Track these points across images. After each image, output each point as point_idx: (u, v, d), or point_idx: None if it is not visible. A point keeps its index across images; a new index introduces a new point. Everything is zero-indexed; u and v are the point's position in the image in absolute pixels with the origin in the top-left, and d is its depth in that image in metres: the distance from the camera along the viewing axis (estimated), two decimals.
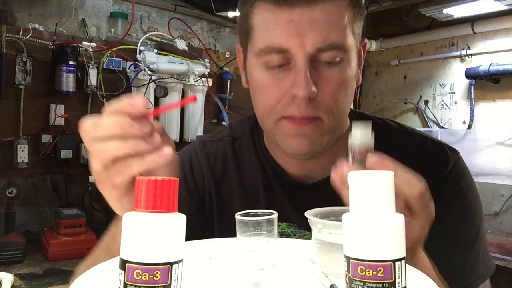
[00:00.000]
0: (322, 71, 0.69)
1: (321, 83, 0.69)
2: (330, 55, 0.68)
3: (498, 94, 2.63)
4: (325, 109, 0.71)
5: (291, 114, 0.71)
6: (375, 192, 0.43)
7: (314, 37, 0.66)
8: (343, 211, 0.45)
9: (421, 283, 0.53)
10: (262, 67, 0.72)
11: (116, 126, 0.51)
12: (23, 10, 2.22)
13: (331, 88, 0.70)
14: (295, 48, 0.67)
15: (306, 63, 0.68)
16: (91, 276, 0.55)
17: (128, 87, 2.41)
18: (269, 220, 0.61)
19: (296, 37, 0.67)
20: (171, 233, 0.42)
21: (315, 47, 0.67)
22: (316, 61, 0.69)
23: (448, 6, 2.48)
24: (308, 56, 0.67)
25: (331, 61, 0.69)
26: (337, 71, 0.70)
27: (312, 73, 0.68)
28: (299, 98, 0.69)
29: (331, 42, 0.67)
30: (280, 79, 0.70)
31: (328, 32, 0.67)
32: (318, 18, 0.66)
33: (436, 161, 0.81)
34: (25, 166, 2.14)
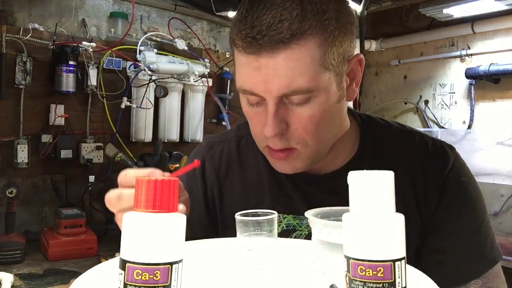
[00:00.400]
0: (292, 109, 0.72)
1: (291, 120, 0.72)
2: (296, 98, 0.71)
3: (498, 94, 2.63)
4: (298, 141, 0.74)
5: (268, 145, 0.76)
6: (375, 192, 0.43)
7: (278, 84, 0.69)
8: (343, 211, 0.45)
9: (421, 283, 0.53)
10: (245, 101, 0.77)
11: None
12: (23, 10, 2.22)
13: (302, 124, 0.73)
14: (262, 93, 0.71)
15: (274, 105, 0.71)
16: (91, 276, 0.55)
17: (128, 87, 2.40)
18: (269, 220, 0.61)
19: (262, 84, 0.70)
20: (171, 233, 0.42)
21: (280, 93, 0.70)
22: (285, 100, 0.72)
23: (448, 6, 2.48)
24: (275, 99, 0.71)
25: (299, 102, 0.71)
26: (307, 108, 0.72)
27: (282, 112, 0.72)
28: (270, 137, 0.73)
29: (295, 88, 0.69)
30: (259, 114, 0.75)
31: (291, 79, 0.69)
32: (281, 66, 0.68)
33: (437, 160, 0.83)
34: (25, 166, 2.14)
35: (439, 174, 0.82)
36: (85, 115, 2.33)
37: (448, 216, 0.82)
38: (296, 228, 0.83)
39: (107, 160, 2.33)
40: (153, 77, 2.35)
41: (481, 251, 0.82)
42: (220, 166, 0.91)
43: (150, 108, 2.43)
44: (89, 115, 2.33)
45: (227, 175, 0.90)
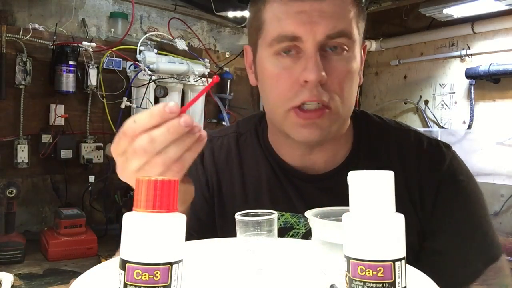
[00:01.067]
0: (330, 59, 0.74)
1: (330, 72, 0.73)
2: (339, 41, 0.73)
3: (498, 94, 2.63)
4: (334, 96, 0.74)
5: (302, 100, 0.74)
6: (375, 192, 0.43)
7: (324, 25, 0.71)
8: (343, 211, 0.45)
9: (421, 283, 0.53)
10: (273, 57, 0.76)
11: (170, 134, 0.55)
12: (23, 10, 2.22)
13: (339, 77, 0.74)
14: (306, 35, 0.72)
15: (316, 50, 0.72)
16: (91, 276, 0.55)
17: (128, 87, 2.40)
18: (269, 220, 0.61)
19: (307, 25, 0.71)
20: (171, 233, 0.42)
21: (325, 34, 0.72)
22: (324, 50, 0.73)
23: (448, 6, 2.48)
24: (318, 44, 0.72)
25: (339, 47, 0.74)
26: (344, 61, 0.74)
27: (322, 60, 0.72)
28: (310, 83, 0.72)
29: (339, 30, 0.72)
30: (291, 68, 0.74)
31: (337, 21, 0.72)
32: (327, 9, 0.72)
33: (432, 159, 0.83)
34: (25, 166, 2.14)
35: (434, 173, 0.81)
36: (85, 115, 2.33)
37: (445, 217, 0.81)
38: (293, 226, 0.83)
39: (107, 160, 2.33)
40: (153, 77, 2.35)
41: (480, 250, 0.81)
42: (219, 159, 0.91)
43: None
44: (89, 115, 2.33)
45: (226, 168, 0.90)
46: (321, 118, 0.74)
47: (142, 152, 0.55)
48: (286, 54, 0.75)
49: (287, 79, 0.74)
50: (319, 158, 0.83)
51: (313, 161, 0.84)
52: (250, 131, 0.92)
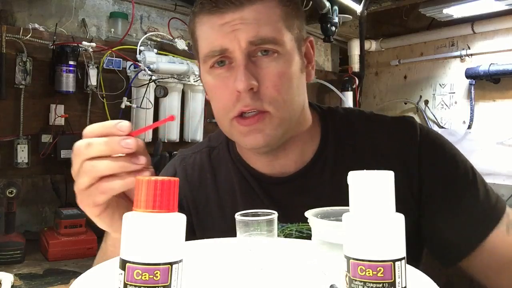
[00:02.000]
0: (262, 65, 0.74)
1: (261, 77, 0.74)
2: (264, 48, 0.74)
3: (498, 94, 2.62)
4: (270, 100, 0.75)
5: (239, 110, 0.75)
6: (375, 192, 0.43)
7: (246, 32, 0.73)
8: (343, 211, 0.45)
9: (421, 283, 0.53)
10: (210, 71, 0.78)
11: (106, 145, 0.56)
12: (23, 10, 2.22)
13: (272, 80, 0.74)
14: (231, 45, 0.73)
15: (244, 58, 0.73)
16: (91, 276, 0.55)
17: (128, 87, 2.40)
18: (269, 220, 0.61)
19: (230, 35, 0.73)
20: (171, 233, 0.42)
21: (248, 41, 0.73)
22: (255, 56, 0.75)
23: (448, 6, 2.47)
24: (245, 51, 0.73)
25: (268, 54, 0.74)
26: (276, 63, 0.75)
27: (252, 68, 0.74)
28: (242, 93, 0.73)
29: (262, 36, 0.73)
30: (226, 78, 0.76)
31: (258, 28, 0.73)
32: (248, 16, 0.73)
33: (404, 134, 0.84)
34: (25, 166, 2.13)
35: (412, 146, 0.82)
36: (85, 115, 2.33)
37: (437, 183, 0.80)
38: None
39: None
40: (153, 77, 2.35)
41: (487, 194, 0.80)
42: (192, 177, 0.92)
43: (150, 108, 2.43)
44: (89, 115, 2.33)
45: (200, 186, 0.91)
46: (261, 123, 0.75)
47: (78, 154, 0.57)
48: (220, 66, 0.76)
49: (224, 90, 0.76)
50: (287, 161, 0.84)
51: (282, 165, 0.85)
52: (222, 144, 0.94)
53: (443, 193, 0.80)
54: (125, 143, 0.55)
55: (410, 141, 0.82)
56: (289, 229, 0.82)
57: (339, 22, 2.54)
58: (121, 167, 0.56)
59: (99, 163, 0.56)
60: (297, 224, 0.81)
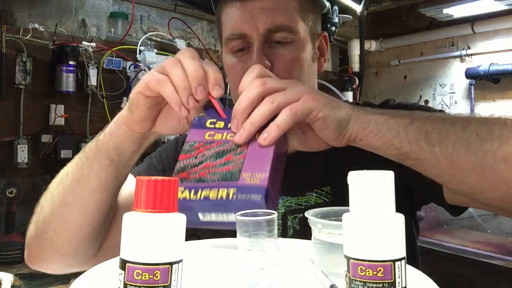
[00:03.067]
0: (276, 50, 0.81)
1: (275, 60, 0.80)
2: (280, 35, 0.81)
3: (498, 94, 2.63)
4: None
5: None
6: (375, 192, 0.43)
7: (264, 20, 0.79)
8: (343, 211, 0.45)
9: (421, 283, 0.53)
10: (229, 53, 0.85)
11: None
12: (23, 10, 2.22)
13: (285, 65, 0.81)
14: (250, 31, 0.80)
15: (261, 43, 0.80)
16: (91, 276, 0.55)
17: (128, 87, 2.40)
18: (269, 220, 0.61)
19: (250, 22, 0.80)
20: (171, 233, 0.42)
21: (265, 28, 0.79)
22: (270, 41, 0.81)
23: (448, 6, 2.48)
24: (262, 37, 0.80)
25: (282, 40, 0.81)
26: (289, 50, 0.81)
27: (267, 52, 0.80)
28: None
29: (279, 24, 0.80)
30: (243, 61, 0.82)
31: (276, 16, 0.80)
32: (267, 6, 0.80)
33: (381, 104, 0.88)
34: (25, 166, 2.14)
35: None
36: (85, 115, 2.33)
37: None
38: None
39: None
40: None
41: None
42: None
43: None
44: (89, 115, 2.33)
45: None
46: None
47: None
48: (240, 51, 0.83)
49: (240, 71, 0.80)
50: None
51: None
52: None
53: None
54: None
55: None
56: (289, 202, 0.86)
57: (339, 22, 2.54)
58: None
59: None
60: (297, 198, 0.86)
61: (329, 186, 0.85)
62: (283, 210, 0.86)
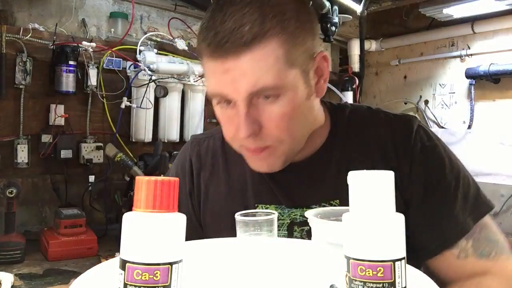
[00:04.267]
0: (263, 108, 0.75)
1: (264, 119, 0.75)
2: (265, 95, 0.74)
3: (498, 94, 2.62)
4: (274, 139, 0.78)
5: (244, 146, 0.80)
6: (375, 192, 0.43)
7: (245, 84, 0.72)
8: (343, 211, 0.45)
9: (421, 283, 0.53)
10: (218, 106, 0.80)
11: None
12: (23, 10, 2.22)
13: (275, 122, 0.76)
14: (232, 95, 0.74)
15: (245, 106, 0.74)
16: (91, 276, 0.55)
17: (128, 87, 2.40)
18: (269, 220, 0.61)
19: (231, 85, 0.73)
20: (171, 233, 0.42)
21: (247, 92, 0.73)
22: (255, 100, 0.75)
23: (448, 6, 2.48)
24: (246, 101, 0.74)
25: (269, 101, 0.75)
26: (277, 106, 0.75)
27: (254, 113, 0.75)
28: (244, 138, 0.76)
29: (261, 87, 0.73)
30: (232, 116, 0.77)
31: (257, 78, 0.72)
32: (247, 67, 0.72)
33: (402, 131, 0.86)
34: (25, 166, 2.14)
35: (406, 144, 0.84)
36: (85, 115, 2.32)
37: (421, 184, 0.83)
38: (278, 217, 0.86)
39: (107, 160, 2.33)
40: (153, 77, 2.34)
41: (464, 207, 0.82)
42: (206, 162, 0.97)
43: (150, 108, 2.43)
44: (89, 115, 2.33)
45: (213, 171, 0.95)
46: (266, 153, 0.79)
47: None
48: (227, 104, 0.77)
49: (230, 127, 0.79)
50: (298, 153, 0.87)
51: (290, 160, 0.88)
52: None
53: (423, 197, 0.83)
54: None
55: (405, 141, 0.85)
56: (294, 214, 0.86)
57: (339, 22, 2.54)
58: None
59: None
60: (302, 209, 0.85)
61: (338, 200, 0.84)
62: (288, 221, 0.86)
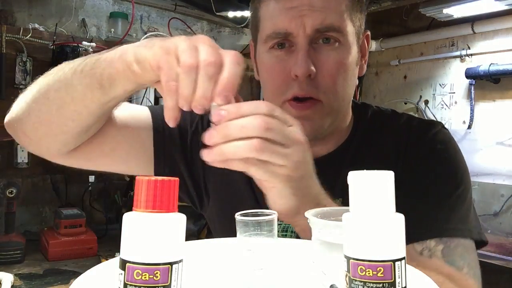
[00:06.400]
0: (322, 52, 0.75)
1: (320, 65, 0.74)
2: (328, 36, 0.74)
3: (498, 94, 2.62)
4: (325, 90, 0.75)
5: (293, 94, 0.76)
6: (375, 192, 0.43)
7: (313, 19, 0.73)
8: (343, 211, 0.45)
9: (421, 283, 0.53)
10: (268, 51, 0.78)
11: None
12: (23, 10, 2.22)
13: (330, 70, 0.75)
14: (296, 30, 0.73)
15: (306, 44, 0.73)
16: (91, 276, 0.55)
17: None
18: (269, 220, 0.61)
19: (297, 20, 0.73)
20: (171, 233, 0.42)
21: (314, 28, 0.73)
22: (316, 43, 0.75)
23: (448, 6, 2.47)
24: (308, 38, 0.73)
25: (331, 41, 0.75)
26: (336, 53, 0.75)
27: (312, 54, 0.74)
28: (299, 77, 0.73)
29: (328, 24, 0.73)
30: (285, 61, 0.76)
31: (326, 15, 0.73)
32: (317, 3, 0.73)
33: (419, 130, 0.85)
34: (25, 166, 2.14)
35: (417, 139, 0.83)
36: None
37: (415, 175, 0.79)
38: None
39: None
40: None
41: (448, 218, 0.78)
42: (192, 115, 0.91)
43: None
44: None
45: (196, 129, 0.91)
46: (312, 110, 0.76)
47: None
48: (280, 48, 0.76)
49: (280, 72, 0.76)
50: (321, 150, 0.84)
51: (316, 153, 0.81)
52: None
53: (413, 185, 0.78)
54: None
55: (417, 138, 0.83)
56: None
57: None
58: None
59: None
60: None
61: (341, 198, 0.80)
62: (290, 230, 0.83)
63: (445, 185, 0.80)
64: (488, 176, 2.53)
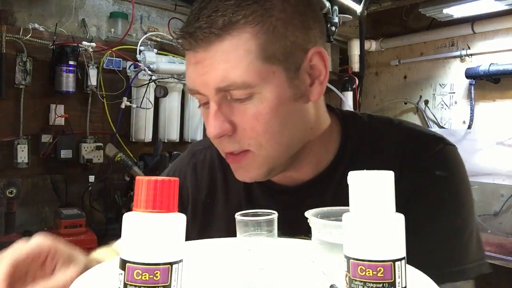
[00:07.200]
0: (236, 107, 0.67)
1: (237, 119, 0.68)
2: (236, 93, 0.66)
3: (498, 94, 2.63)
4: (250, 142, 0.69)
5: (221, 150, 0.73)
6: (375, 192, 0.43)
7: (213, 78, 0.65)
8: (343, 211, 0.45)
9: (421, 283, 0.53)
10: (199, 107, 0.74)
11: None
12: (23, 10, 2.22)
13: (249, 123, 0.67)
14: (202, 89, 0.67)
15: (215, 102, 0.67)
16: (91, 276, 0.55)
17: (128, 87, 2.41)
18: (269, 220, 0.61)
19: (201, 78, 0.67)
20: (171, 233, 0.42)
21: (215, 86, 0.66)
22: (228, 97, 0.67)
23: (448, 6, 2.48)
24: (215, 97, 0.67)
25: (240, 98, 0.66)
26: (251, 106, 0.67)
27: (227, 111, 0.67)
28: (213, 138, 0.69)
29: (230, 82, 0.65)
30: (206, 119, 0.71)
31: (225, 72, 0.64)
32: (215, 59, 0.65)
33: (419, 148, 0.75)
34: (25, 166, 2.14)
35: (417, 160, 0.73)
36: (85, 115, 2.33)
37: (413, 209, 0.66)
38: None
39: (107, 160, 2.33)
40: (153, 77, 2.35)
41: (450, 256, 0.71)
42: (202, 175, 0.88)
43: (150, 108, 2.43)
44: (89, 115, 2.33)
45: (210, 185, 0.87)
46: (245, 161, 0.70)
47: None
48: (204, 104, 0.71)
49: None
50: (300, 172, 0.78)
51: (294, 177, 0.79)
52: None
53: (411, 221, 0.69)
54: None
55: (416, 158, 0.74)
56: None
57: (339, 22, 2.54)
58: None
59: None
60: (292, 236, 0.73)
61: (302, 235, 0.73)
62: None
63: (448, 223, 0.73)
64: (488, 176, 2.53)
